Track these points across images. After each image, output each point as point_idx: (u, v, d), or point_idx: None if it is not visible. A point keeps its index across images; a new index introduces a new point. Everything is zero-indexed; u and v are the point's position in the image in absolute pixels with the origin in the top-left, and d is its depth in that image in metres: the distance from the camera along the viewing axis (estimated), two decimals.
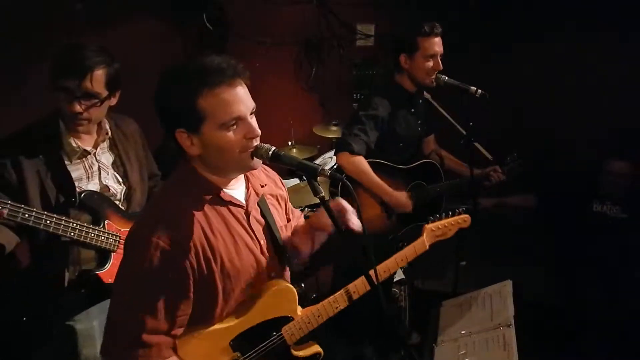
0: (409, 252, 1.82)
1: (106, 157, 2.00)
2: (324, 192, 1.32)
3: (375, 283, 1.40)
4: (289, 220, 1.70)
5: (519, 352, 1.82)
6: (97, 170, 1.95)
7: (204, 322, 1.42)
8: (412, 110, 2.76)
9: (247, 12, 4.07)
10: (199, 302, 1.38)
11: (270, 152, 1.32)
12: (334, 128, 3.83)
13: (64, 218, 1.78)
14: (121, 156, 2.03)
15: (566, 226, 3.36)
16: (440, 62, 2.57)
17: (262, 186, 1.56)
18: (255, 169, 1.40)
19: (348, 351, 3.03)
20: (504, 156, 2.90)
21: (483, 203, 3.33)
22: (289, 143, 3.83)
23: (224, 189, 1.41)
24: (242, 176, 1.47)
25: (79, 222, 1.82)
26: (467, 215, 2.00)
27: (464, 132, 2.70)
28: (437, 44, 2.56)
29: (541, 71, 3.61)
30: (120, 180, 2.02)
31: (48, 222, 1.73)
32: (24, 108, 2.57)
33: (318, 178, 1.30)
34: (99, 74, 1.78)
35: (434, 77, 2.58)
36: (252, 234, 1.46)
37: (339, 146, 2.57)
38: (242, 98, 1.29)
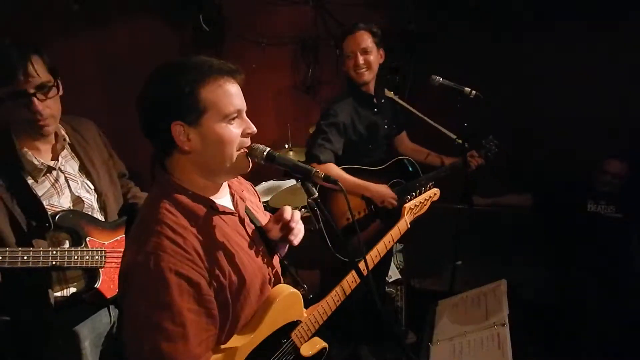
0: (394, 232, 1.90)
1: (71, 165, 1.81)
2: (317, 194, 1.34)
3: (367, 272, 1.45)
4: None
5: (513, 351, 1.83)
6: (65, 182, 1.76)
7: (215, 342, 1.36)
8: (375, 110, 2.79)
9: (243, 13, 4.07)
10: None
11: (265, 153, 1.32)
12: None
13: (41, 249, 1.62)
14: (84, 162, 1.84)
15: (561, 225, 3.37)
16: (359, 57, 2.63)
17: (242, 192, 1.53)
18: (247, 171, 1.36)
19: (344, 351, 3.04)
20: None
21: (478, 203, 3.34)
22: (286, 145, 3.83)
23: (215, 200, 1.36)
24: (225, 184, 1.43)
25: (58, 249, 1.66)
26: (436, 189, 2.14)
27: (433, 124, 2.74)
28: (352, 43, 2.64)
29: (540, 70, 3.61)
30: (92, 187, 1.85)
31: (25, 257, 1.57)
32: None
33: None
34: (36, 59, 1.60)
35: (362, 72, 2.64)
36: (249, 241, 1.42)
37: (307, 159, 2.60)
38: (241, 94, 1.30)
